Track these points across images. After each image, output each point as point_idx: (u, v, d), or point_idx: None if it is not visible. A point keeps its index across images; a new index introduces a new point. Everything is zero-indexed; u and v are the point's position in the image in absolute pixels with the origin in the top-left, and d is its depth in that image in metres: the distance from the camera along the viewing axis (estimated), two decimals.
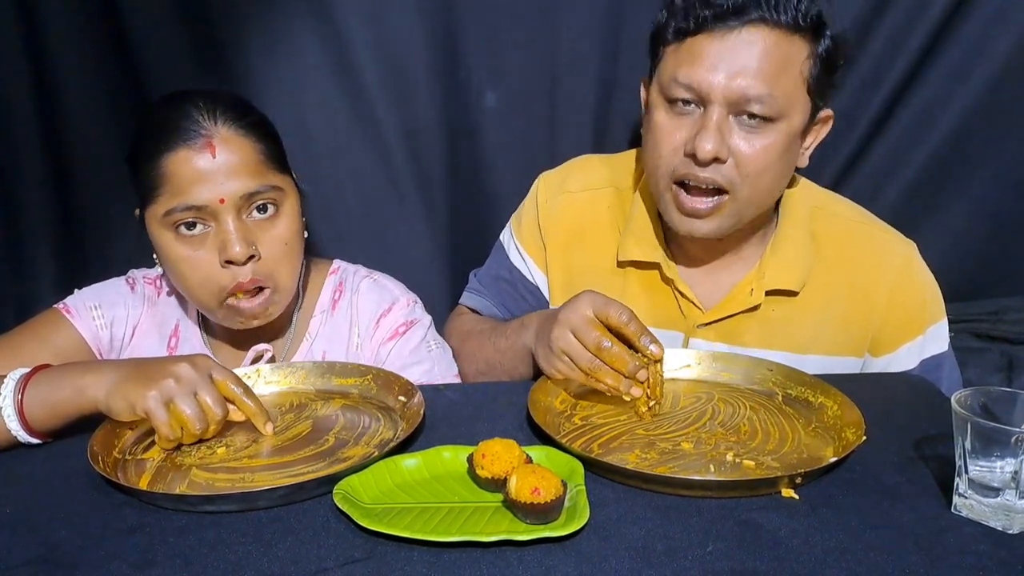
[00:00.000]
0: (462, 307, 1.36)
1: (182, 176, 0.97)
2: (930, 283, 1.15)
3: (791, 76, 0.99)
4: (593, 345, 0.91)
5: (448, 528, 0.71)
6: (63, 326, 1.07)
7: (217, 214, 0.99)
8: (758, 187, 1.03)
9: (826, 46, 1.01)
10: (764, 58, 0.97)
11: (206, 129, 0.98)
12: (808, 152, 1.09)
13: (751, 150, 1.01)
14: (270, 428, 0.91)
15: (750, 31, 0.97)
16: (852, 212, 1.19)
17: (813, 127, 1.07)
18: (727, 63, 0.98)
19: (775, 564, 0.67)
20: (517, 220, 1.31)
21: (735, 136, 1.01)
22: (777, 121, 1.00)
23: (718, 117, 1.00)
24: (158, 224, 1.00)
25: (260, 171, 1.01)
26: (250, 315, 1.03)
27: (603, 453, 0.86)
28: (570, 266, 1.25)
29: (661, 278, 1.17)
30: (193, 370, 0.85)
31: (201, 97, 1.01)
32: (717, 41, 0.98)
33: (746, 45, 0.97)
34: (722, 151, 1.00)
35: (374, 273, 1.22)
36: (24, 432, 0.86)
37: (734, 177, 1.02)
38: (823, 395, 0.96)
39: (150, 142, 0.99)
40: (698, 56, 0.99)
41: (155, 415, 0.83)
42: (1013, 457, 0.71)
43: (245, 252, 0.99)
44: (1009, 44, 1.33)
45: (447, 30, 1.35)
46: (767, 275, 1.12)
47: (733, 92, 0.98)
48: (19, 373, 0.88)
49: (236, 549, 0.69)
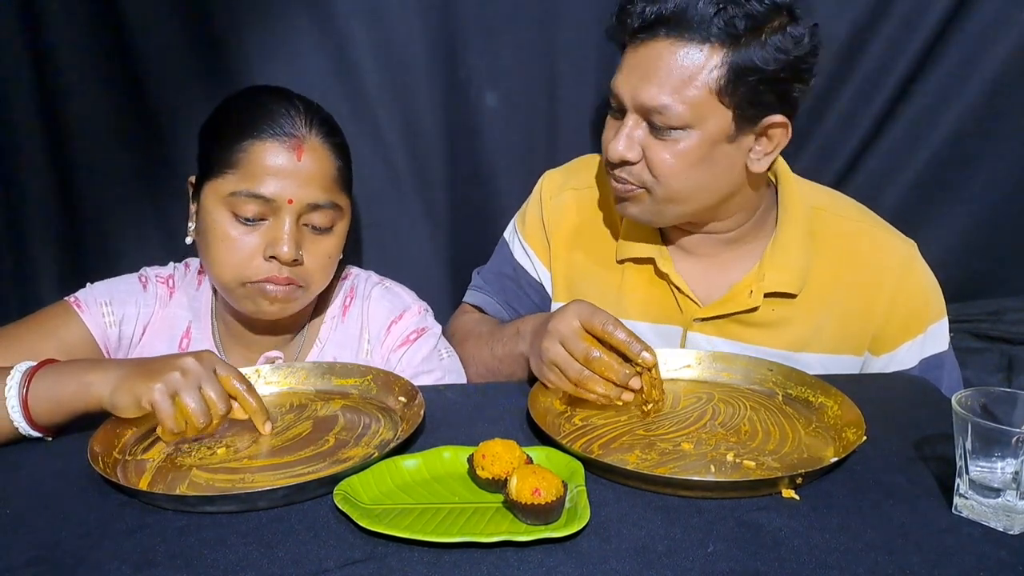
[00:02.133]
0: (466, 305, 1.36)
1: (261, 165, 1.00)
2: (931, 282, 1.16)
3: (696, 86, 0.99)
4: (581, 356, 0.92)
5: (448, 529, 0.71)
6: (71, 320, 1.07)
7: (279, 211, 1.01)
8: (673, 188, 1.06)
9: (751, 55, 0.98)
10: (665, 69, 1.00)
11: (300, 131, 1.02)
12: (764, 158, 1.07)
13: (659, 156, 1.04)
14: (269, 427, 0.91)
15: (657, 43, 1.00)
16: (853, 212, 1.19)
17: (759, 134, 1.05)
18: (636, 74, 1.03)
19: (775, 564, 0.67)
20: (521, 217, 1.32)
21: (647, 140, 1.05)
22: (687, 129, 1.02)
23: (631, 123, 1.05)
24: (217, 200, 1.02)
25: (331, 187, 1.05)
26: (272, 298, 1.04)
27: (603, 454, 0.86)
28: (572, 263, 1.26)
29: (656, 272, 1.18)
30: (198, 364, 0.86)
31: (303, 102, 1.06)
32: (631, 53, 1.04)
33: (651, 57, 1.01)
34: (628, 154, 1.05)
35: (386, 280, 1.23)
36: (27, 425, 0.87)
37: (646, 178, 1.06)
38: (823, 395, 0.96)
39: (239, 122, 1.02)
40: (621, 66, 1.06)
41: (160, 407, 0.83)
42: (1014, 458, 0.71)
43: (293, 255, 1.01)
44: (1009, 45, 1.32)
45: (447, 30, 1.34)
46: (767, 277, 1.13)
47: (638, 100, 1.02)
48: (25, 366, 0.89)
49: (236, 549, 0.69)
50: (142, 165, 1.37)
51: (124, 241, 1.39)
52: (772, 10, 0.98)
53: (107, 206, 1.38)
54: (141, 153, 1.36)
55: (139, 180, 1.37)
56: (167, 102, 1.33)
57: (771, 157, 1.08)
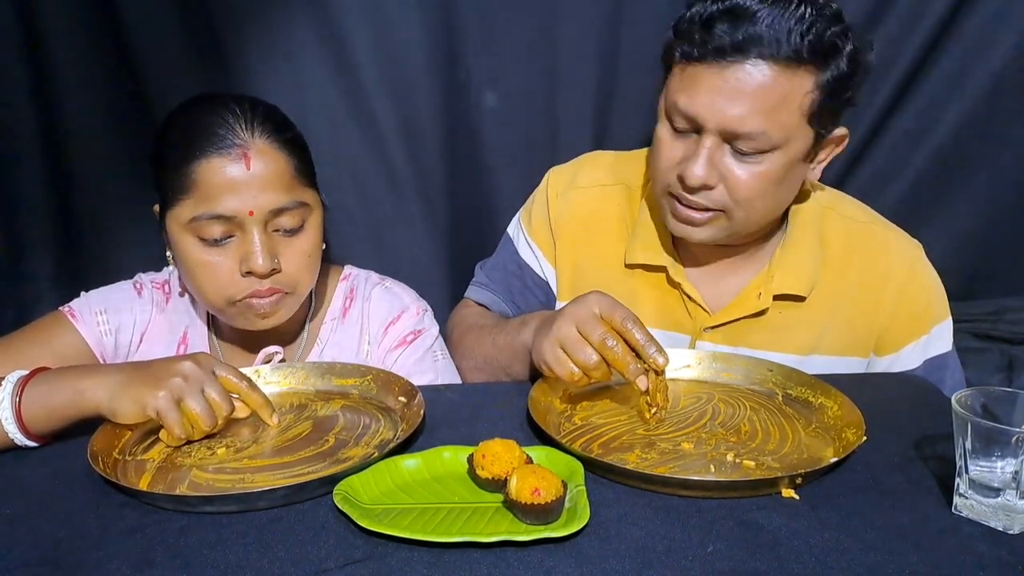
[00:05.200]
0: (468, 300, 1.34)
1: (212, 184, 0.96)
2: (935, 283, 1.15)
3: (790, 110, 0.97)
4: (598, 341, 0.91)
5: (448, 529, 0.71)
6: (66, 330, 1.06)
7: (244, 225, 0.98)
8: (753, 209, 1.04)
9: (838, 71, 0.97)
10: (760, 94, 0.95)
11: (242, 139, 0.97)
12: (820, 167, 1.08)
13: (742, 178, 1.00)
14: (276, 419, 0.91)
15: (749, 66, 0.95)
16: (859, 212, 1.18)
17: (824, 146, 1.06)
18: (724, 97, 0.97)
19: (775, 564, 0.67)
20: (527, 213, 1.31)
21: (727, 163, 1.00)
22: (773, 152, 0.99)
23: (711, 145, 1.00)
24: (180, 228, 0.99)
25: (291, 186, 1.00)
26: (261, 313, 1.02)
27: (603, 453, 0.86)
28: (578, 262, 1.25)
29: (668, 281, 1.17)
30: (198, 367, 0.85)
31: (238, 104, 0.99)
32: (715, 74, 0.97)
33: (743, 81, 0.95)
34: (710, 179, 1.01)
35: (386, 280, 1.21)
36: (21, 435, 0.86)
37: (726, 201, 1.03)
38: (823, 395, 0.96)
39: (181, 144, 0.97)
40: (697, 85, 0.98)
41: (167, 416, 0.83)
42: (1013, 457, 0.71)
43: (268, 266, 0.98)
44: (1009, 45, 1.33)
45: (447, 29, 1.35)
46: (775, 279, 1.12)
47: (726, 125, 0.97)
48: (17, 375, 0.88)
49: (236, 550, 0.69)
50: (140, 168, 1.36)
51: (121, 246, 1.39)
52: (847, 24, 0.97)
53: (104, 210, 1.38)
54: (138, 155, 1.35)
55: (137, 183, 1.37)
56: (165, 103, 1.31)
57: (824, 165, 1.08)
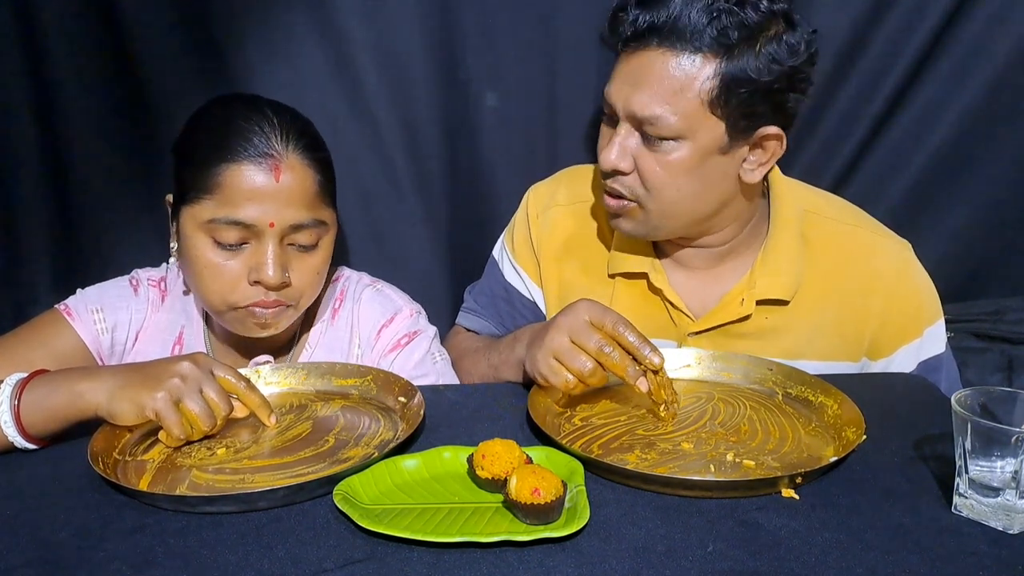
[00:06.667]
0: (459, 327, 1.35)
1: (238, 190, 0.96)
2: (926, 284, 1.14)
3: (688, 97, 0.98)
4: (595, 348, 0.91)
5: (448, 529, 0.71)
6: (63, 328, 1.06)
7: (261, 235, 0.98)
8: (664, 200, 1.05)
9: (747, 66, 0.96)
10: (659, 79, 0.98)
11: (276, 150, 0.97)
12: (759, 169, 1.06)
13: (650, 165, 1.03)
14: (273, 420, 0.92)
15: (649, 52, 0.99)
16: (844, 215, 1.17)
17: (754, 145, 1.04)
18: (629, 83, 1.01)
19: (775, 564, 0.67)
20: (509, 235, 1.31)
21: (639, 150, 1.03)
22: (678, 140, 1.01)
23: (624, 132, 1.03)
24: (196, 225, 0.98)
25: (313, 203, 1.01)
26: (261, 322, 1.02)
27: (603, 454, 0.86)
28: (563, 279, 1.25)
29: (649, 287, 1.17)
30: (196, 367, 0.85)
31: (276, 113, 1.00)
32: (625, 61, 1.03)
33: (645, 66, 0.99)
34: (621, 164, 1.04)
35: (378, 282, 1.21)
36: (21, 438, 0.86)
37: (637, 189, 1.05)
38: (823, 394, 0.96)
39: (210, 144, 0.97)
40: (614, 74, 1.05)
41: (166, 417, 0.83)
42: (1013, 457, 0.71)
43: (279, 279, 0.98)
44: (1009, 45, 1.32)
45: (446, 30, 1.34)
46: (757, 284, 1.12)
47: (631, 109, 1.01)
48: (16, 378, 0.88)
49: (236, 550, 0.69)
50: (138, 166, 1.36)
51: (119, 243, 1.39)
52: (768, 19, 0.96)
53: (103, 208, 1.38)
54: (137, 154, 1.36)
55: (135, 181, 1.37)
56: (164, 103, 1.32)
57: (765, 168, 1.06)
